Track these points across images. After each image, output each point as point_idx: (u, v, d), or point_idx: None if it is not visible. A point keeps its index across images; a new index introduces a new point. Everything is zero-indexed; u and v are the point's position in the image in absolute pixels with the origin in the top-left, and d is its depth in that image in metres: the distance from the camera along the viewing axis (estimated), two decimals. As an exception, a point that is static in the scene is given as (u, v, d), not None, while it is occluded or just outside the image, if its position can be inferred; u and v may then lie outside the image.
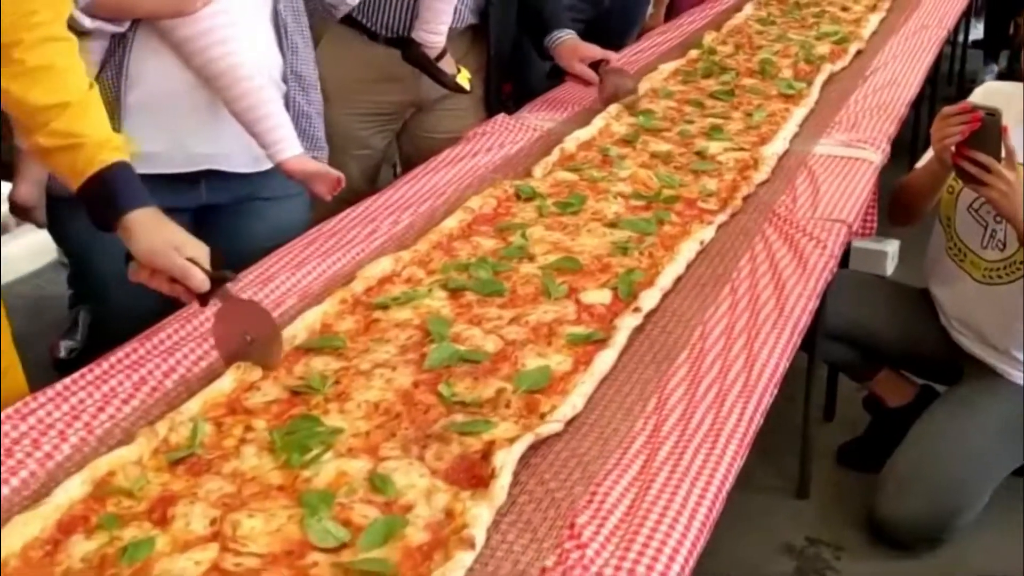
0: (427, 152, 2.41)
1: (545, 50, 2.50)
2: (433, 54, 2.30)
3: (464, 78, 2.36)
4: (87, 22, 1.59)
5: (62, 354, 2.75)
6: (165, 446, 1.21)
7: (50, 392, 1.33)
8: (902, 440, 2.26)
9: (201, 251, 1.40)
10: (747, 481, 1.21)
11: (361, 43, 2.35)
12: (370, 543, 1.05)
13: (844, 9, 3.41)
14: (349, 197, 2.04)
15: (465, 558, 1.03)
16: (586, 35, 2.58)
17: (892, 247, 3.32)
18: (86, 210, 1.43)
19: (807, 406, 2.29)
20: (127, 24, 1.66)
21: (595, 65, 2.45)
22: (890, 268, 3.31)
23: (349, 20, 2.32)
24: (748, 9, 3.35)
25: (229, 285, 1.41)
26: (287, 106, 1.86)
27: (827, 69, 2.71)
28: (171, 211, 1.70)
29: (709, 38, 2.99)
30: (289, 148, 1.78)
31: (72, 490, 1.11)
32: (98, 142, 1.41)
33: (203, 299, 1.40)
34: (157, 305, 1.83)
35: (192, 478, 1.16)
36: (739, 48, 2.94)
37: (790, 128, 2.28)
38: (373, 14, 2.32)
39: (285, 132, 1.78)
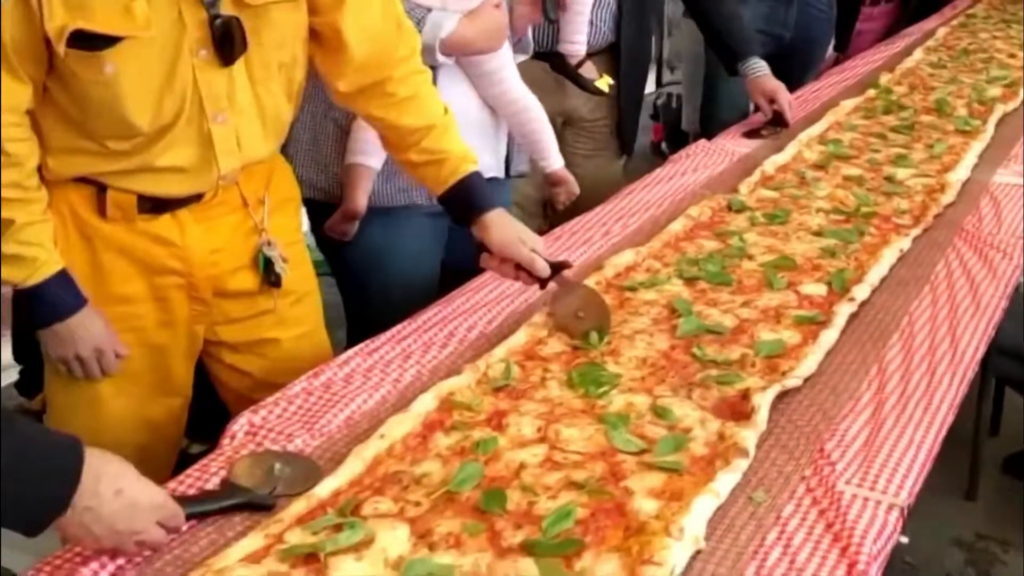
0: (572, 164, 2.71)
1: (736, 72, 2.84)
2: (574, 62, 2.66)
3: (604, 83, 2.69)
4: (440, 58, 1.95)
5: None
6: (485, 378, 1.54)
7: (383, 337, 1.68)
8: (1068, 452, 2.46)
9: (540, 243, 1.71)
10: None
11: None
12: (664, 451, 1.35)
13: (1011, 56, 3.61)
14: (519, 201, 2.46)
15: (742, 463, 1.32)
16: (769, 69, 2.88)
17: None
18: (447, 210, 1.75)
19: (978, 417, 2.51)
20: (453, 59, 2.03)
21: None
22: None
23: None
24: (918, 54, 3.58)
25: (566, 272, 1.70)
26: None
27: (1000, 109, 2.93)
28: (437, 213, 2.07)
29: (884, 79, 3.24)
30: (557, 160, 2.26)
31: (427, 403, 1.44)
32: (459, 156, 1.72)
33: (543, 283, 1.69)
34: (430, 294, 2.19)
35: (512, 401, 1.48)
36: (914, 88, 3.18)
37: (970, 159, 2.52)
38: None
39: (554, 148, 2.25)
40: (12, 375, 3.16)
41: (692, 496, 1.24)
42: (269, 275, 1.73)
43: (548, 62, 2.66)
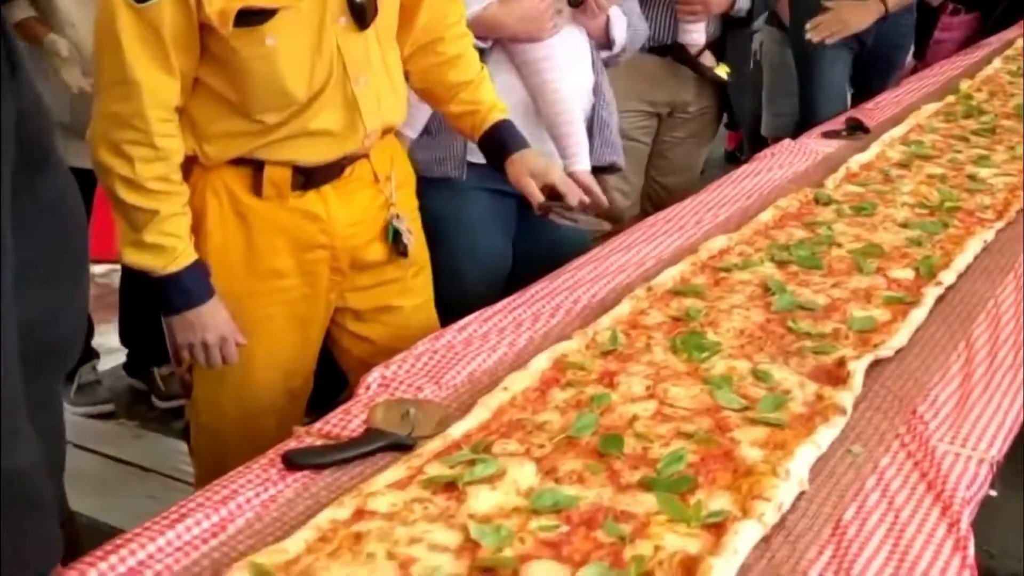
0: (665, 147, 2.91)
1: None
2: (694, 51, 2.83)
3: (722, 70, 2.87)
4: None
5: None
6: (593, 343, 1.65)
7: (496, 308, 1.81)
8: None
9: (560, 171, 1.98)
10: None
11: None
12: (766, 408, 1.45)
13: (1091, 64, 3.65)
14: (623, 188, 2.58)
15: (839, 420, 1.42)
16: (852, 72, 2.99)
17: None
18: (484, 154, 1.94)
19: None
20: (490, 42, 2.16)
21: None
22: None
23: None
24: (997, 63, 3.64)
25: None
26: (592, 117, 2.36)
27: (1080, 114, 2.99)
28: (501, 194, 2.19)
29: (965, 85, 3.30)
30: (581, 162, 2.26)
31: (542, 363, 1.56)
32: (490, 106, 1.93)
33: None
34: (501, 274, 2.31)
35: (621, 363, 1.60)
36: (994, 95, 3.25)
37: (1051, 160, 2.58)
38: None
39: (582, 148, 2.27)
40: (119, 357, 3.35)
41: (794, 446, 1.35)
42: (398, 246, 1.88)
43: (668, 54, 2.84)
